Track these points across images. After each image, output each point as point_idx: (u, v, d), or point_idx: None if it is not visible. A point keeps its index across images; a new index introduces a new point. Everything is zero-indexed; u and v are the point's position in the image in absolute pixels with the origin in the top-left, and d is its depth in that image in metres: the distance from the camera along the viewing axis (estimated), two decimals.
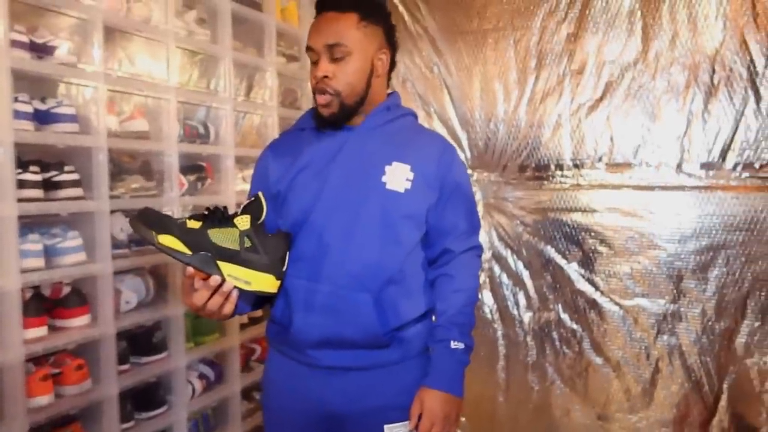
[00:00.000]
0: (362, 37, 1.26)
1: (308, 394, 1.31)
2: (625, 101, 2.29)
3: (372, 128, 1.33)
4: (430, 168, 1.31)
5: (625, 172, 2.30)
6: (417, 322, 1.33)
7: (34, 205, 1.60)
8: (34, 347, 1.61)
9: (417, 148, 1.33)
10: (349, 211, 1.27)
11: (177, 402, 2.09)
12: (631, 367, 2.32)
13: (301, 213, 1.30)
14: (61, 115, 1.71)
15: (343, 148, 1.32)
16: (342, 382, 1.29)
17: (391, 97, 1.39)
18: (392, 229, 1.27)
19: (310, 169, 1.32)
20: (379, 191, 1.27)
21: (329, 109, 1.27)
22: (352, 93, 1.27)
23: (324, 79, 1.25)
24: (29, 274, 1.60)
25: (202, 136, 2.25)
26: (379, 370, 1.30)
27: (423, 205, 1.30)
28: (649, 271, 2.27)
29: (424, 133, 1.42)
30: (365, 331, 1.25)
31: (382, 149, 1.31)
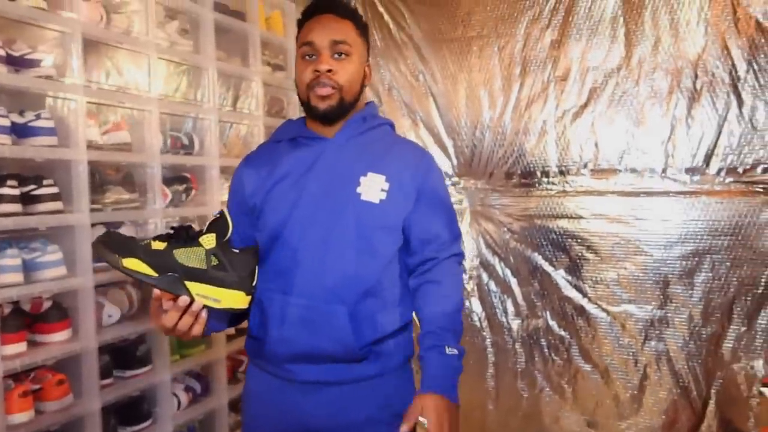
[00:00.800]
0: (359, 45, 1.32)
1: (287, 409, 1.29)
2: (610, 107, 2.30)
3: (347, 139, 1.33)
4: (406, 177, 1.30)
5: (610, 178, 2.30)
6: (395, 335, 1.31)
7: (11, 220, 1.59)
8: (12, 364, 1.59)
9: (393, 157, 1.32)
10: (324, 224, 1.26)
11: (162, 415, 2.07)
12: (619, 373, 2.31)
13: (276, 226, 1.29)
14: (39, 129, 1.70)
15: (318, 160, 1.31)
16: (320, 397, 1.27)
17: (368, 107, 1.40)
18: (368, 240, 1.26)
19: (286, 182, 1.31)
20: (353, 203, 1.26)
21: (328, 102, 1.27)
22: (351, 90, 1.29)
23: (328, 73, 1.26)
24: (7, 290, 1.58)
25: (186, 146, 2.24)
26: (358, 384, 1.28)
27: (399, 215, 1.29)
28: (636, 277, 2.27)
29: (400, 142, 1.41)
30: (341, 345, 1.24)
31: (357, 160, 1.31)
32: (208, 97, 2.28)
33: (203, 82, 2.29)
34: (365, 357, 1.27)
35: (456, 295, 1.32)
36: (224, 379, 2.34)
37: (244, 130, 2.65)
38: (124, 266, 1.04)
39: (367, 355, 1.27)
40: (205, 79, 2.28)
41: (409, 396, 1.34)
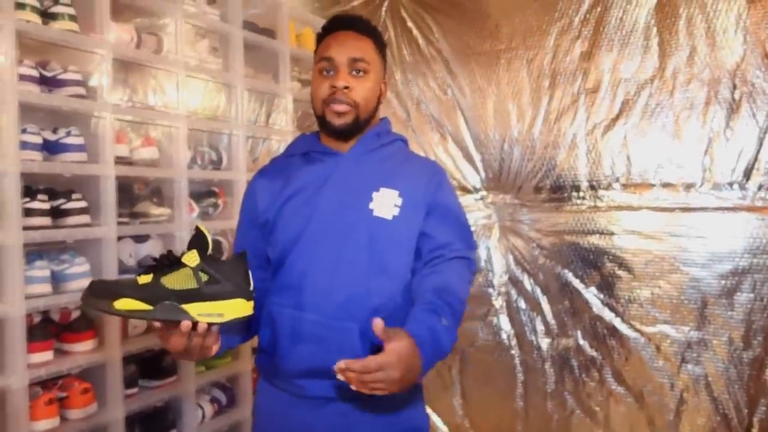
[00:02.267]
0: (376, 60, 1.32)
1: (295, 425, 1.28)
2: (643, 119, 2.22)
3: (361, 154, 1.32)
4: (419, 192, 1.28)
5: (643, 192, 2.22)
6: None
7: (39, 233, 1.65)
8: (38, 372, 1.64)
9: (406, 173, 1.31)
10: (336, 240, 1.25)
11: (187, 426, 2.10)
12: (654, 397, 2.21)
13: (289, 241, 1.28)
14: (69, 145, 1.77)
15: (331, 176, 1.30)
16: (328, 412, 1.26)
17: (382, 123, 1.39)
18: (380, 257, 1.24)
19: (299, 197, 1.31)
20: (366, 219, 1.25)
21: (344, 119, 1.27)
22: (366, 108, 1.29)
23: (345, 90, 1.26)
24: (35, 300, 1.64)
25: (215, 162, 2.29)
26: (367, 401, 1.25)
27: (413, 231, 1.26)
28: (672, 297, 2.17)
29: (413, 158, 1.40)
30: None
31: (370, 176, 1.30)
32: (237, 113, 2.33)
33: (232, 99, 2.34)
34: None
35: (460, 285, 1.24)
36: (250, 391, 2.36)
37: (275, 146, 2.70)
38: (117, 309, 1.03)
39: None
40: (234, 95, 2.33)
41: (418, 412, 1.34)
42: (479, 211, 2.53)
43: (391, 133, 1.39)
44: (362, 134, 1.33)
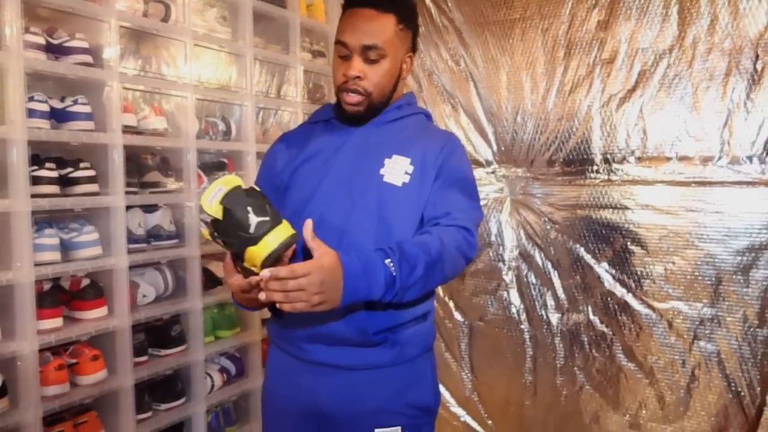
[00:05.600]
0: (397, 41, 1.26)
1: (301, 389, 1.30)
2: (660, 91, 2.15)
3: (380, 124, 1.32)
4: (430, 159, 1.27)
5: (659, 166, 2.16)
6: (413, 323, 1.29)
7: (47, 201, 1.66)
8: (48, 338, 1.66)
9: (421, 142, 1.30)
10: (345, 204, 1.25)
11: (196, 394, 2.13)
12: (665, 373, 2.18)
13: (299, 203, 1.29)
14: (77, 114, 1.77)
15: (347, 142, 1.31)
16: (332, 381, 1.27)
17: (405, 97, 1.38)
18: (387, 222, 1.23)
19: (313, 161, 1.32)
20: (376, 184, 1.25)
21: (357, 108, 1.27)
22: (381, 94, 1.28)
23: (356, 79, 1.24)
24: (44, 267, 1.66)
25: (224, 133, 2.28)
26: (371, 372, 1.26)
27: (421, 198, 1.26)
28: (686, 273, 2.13)
29: (432, 129, 1.38)
30: (355, 328, 1.22)
31: (385, 143, 1.30)
32: (246, 83, 2.31)
33: (241, 69, 2.32)
34: (380, 343, 1.25)
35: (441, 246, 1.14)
36: (259, 362, 2.38)
37: (286, 117, 2.68)
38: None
39: (382, 342, 1.25)
40: (244, 66, 2.30)
41: (425, 388, 1.33)
42: (491, 184, 2.49)
43: (412, 106, 1.39)
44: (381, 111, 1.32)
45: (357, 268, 1.06)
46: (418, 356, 1.31)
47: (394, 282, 1.08)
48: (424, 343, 1.33)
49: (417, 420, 1.30)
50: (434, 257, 1.13)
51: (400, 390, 1.28)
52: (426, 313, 1.33)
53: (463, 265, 1.22)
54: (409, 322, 1.28)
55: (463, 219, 1.22)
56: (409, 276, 1.10)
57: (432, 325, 1.37)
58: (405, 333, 1.28)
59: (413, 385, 1.30)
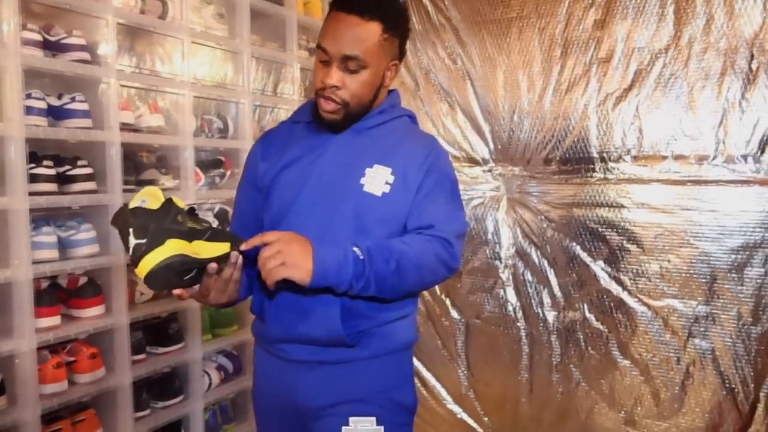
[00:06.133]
0: (380, 51, 1.21)
1: (282, 387, 1.30)
2: (656, 90, 2.16)
3: (361, 130, 1.30)
4: (413, 168, 1.25)
5: (655, 165, 2.18)
6: (392, 322, 1.29)
7: (44, 199, 1.66)
8: (46, 336, 1.66)
9: (403, 150, 1.28)
10: (323, 213, 1.24)
11: (194, 392, 2.13)
12: (660, 371, 2.20)
13: (279, 211, 1.28)
14: (74, 111, 1.76)
15: (328, 148, 1.29)
16: (312, 375, 1.26)
17: (389, 98, 1.34)
18: (365, 232, 1.22)
19: (294, 167, 1.30)
20: (355, 193, 1.23)
21: (333, 116, 1.24)
22: (359, 104, 1.24)
23: (333, 89, 1.21)
24: (41, 265, 1.65)
25: (221, 130, 2.28)
26: (350, 364, 1.26)
27: (401, 209, 1.24)
28: (681, 271, 2.14)
29: (414, 135, 1.35)
30: (331, 333, 1.22)
31: (366, 151, 1.27)
32: (243, 81, 2.30)
33: (238, 67, 2.32)
34: (355, 344, 1.24)
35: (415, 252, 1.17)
36: None
37: (283, 115, 2.68)
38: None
39: (358, 341, 1.25)
40: (240, 63, 2.30)
41: (404, 385, 1.33)
42: (487, 183, 2.50)
43: (396, 108, 1.35)
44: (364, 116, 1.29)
45: (325, 248, 1.13)
46: (397, 351, 1.31)
47: (363, 268, 1.13)
48: (404, 338, 1.32)
49: (394, 415, 1.29)
50: (409, 257, 1.17)
51: (378, 382, 1.28)
52: (406, 315, 1.31)
53: (444, 274, 1.24)
54: (388, 323, 1.28)
55: (445, 231, 1.22)
56: (380, 266, 1.14)
57: (413, 325, 1.36)
58: (384, 328, 1.27)
59: (391, 378, 1.30)
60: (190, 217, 1.11)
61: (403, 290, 1.22)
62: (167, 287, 1.08)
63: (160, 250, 1.03)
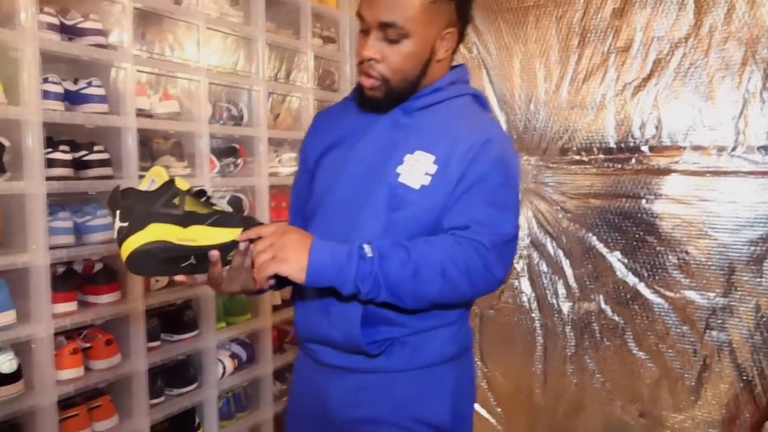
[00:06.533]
0: (425, 18, 1.05)
1: (314, 389, 1.22)
2: (675, 80, 2.14)
3: (410, 111, 1.13)
4: (457, 156, 1.07)
5: (673, 156, 2.16)
6: (427, 331, 1.13)
7: (61, 184, 1.64)
8: (63, 322, 1.65)
9: (452, 135, 1.09)
10: (354, 206, 1.11)
11: (208, 380, 2.12)
12: (676, 363, 2.19)
13: (315, 202, 1.19)
14: (90, 96, 1.75)
15: (370, 131, 1.15)
16: (340, 384, 1.16)
17: (449, 75, 1.15)
18: (396, 229, 1.07)
19: (335, 151, 1.19)
20: (389, 184, 1.08)
21: (372, 93, 1.11)
22: (403, 80, 1.09)
23: (371, 62, 1.07)
24: (58, 251, 1.64)
25: (236, 117, 2.26)
26: (377, 376, 1.13)
27: (438, 205, 1.07)
28: (699, 262, 2.13)
29: (471, 118, 1.14)
30: (348, 339, 1.10)
31: (410, 135, 1.11)
32: (258, 68, 2.29)
33: (253, 54, 2.30)
34: (379, 353, 1.11)
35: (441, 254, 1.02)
36: (270, 348, 2.37)
37: (296, 103, 2.66)
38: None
39: (384, 350, 1.12)
40: (255, 50, 2.28)
41: (439, 402, 1.15)
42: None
43: (456, 86, 1.15)
44: (409, 97, 1.13)
45: (326, 244, 1.02)
46: (434, 364, 1.14)
47: (370, 267, 0.99)
48: (443, 350, 1.15)
49: None
50: (432, 261, 1.01)
51: (407, 400, 1.13)
52: (449, 323, 1.15)
53: (479, 286, 1.06)
54: (421, 331, 1.12)
55: (483, 234, 1.04)
56: (393, 269, 1.00)
57: (460, 335, 1.18)
58: (418, 337, 1.12)
59: (424, 396, 1.14)
60: (196, 200, 1.04)
61: (427, 300, 1.05)
62: (155, 274, 1.05)
63: (140, 234, 0.99)
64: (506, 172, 1.09)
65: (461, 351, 1.18)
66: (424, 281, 1.02)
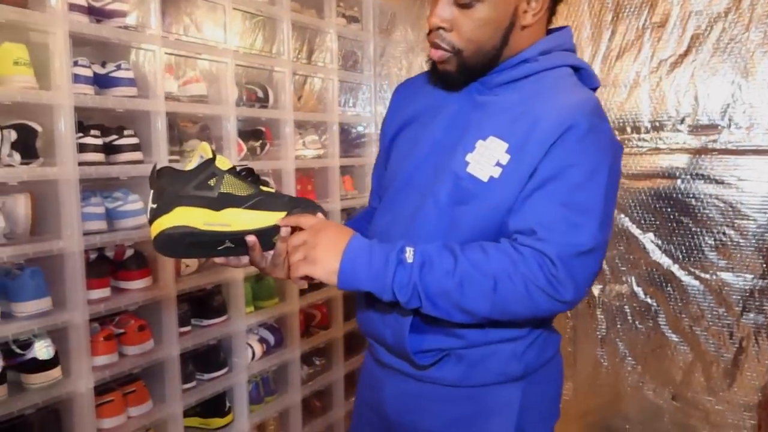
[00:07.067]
0: None
1: (372, 385, 1.16)
2: (714, 56, 2.08)
3: (491, 87, 0.99)
4: (534, 143, 0.91)
5: (710, 134, 2.10)
6: (490, 344, 1.00)
7: (94, 169, 1.62)
8: (97, 308, 1.64)
9: (532, 116, 0.92)
10: (417, 195, 1.00)
11: (238, 364, 2.12)
12: (711, 345, 2.15)
13: (387, 183, 1.10)
14: (119, 79, 1.72)
15: (443, 109, 1.02)
16: (394, 385, 1.09)
17: (542, 43, 0.98)
18: (459, 228, 0.95)
19: (410, 129, 1.09)
20: (456, 174, 0.95)
21: (443, 66, 0.98)
22: (478, 51, 0.95)
23: (440, 30, 0.94)
24: (92, 237, 1.63)
25: (261, 99, 2.23)
26: (428, 387, 1.03)
27: (507, 203, 0.93)
28: (736, 244, 2.08)
29: (560, 95, 0.95)
30: (396, 341, 1.02)
31: (486, 117, 0.97)
32: (283, 49, 2.24)
33: (278, 35, 2.25)
34: (429, 364, 1.01)
35: (492, 264, 0.88)
36: (297, 333, 2.36)
37: (318, 84, 2.62)
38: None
39: (437, 362, 1.01)
40: (280, 31, 2.24)
41: (500, 426, 1.02)
42: None
43: (551, 57, 0.98)
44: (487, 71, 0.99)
45: (365, 246, 0.91)
46: (494, 384, 1.01)
47: (408, 275, 0.88)
48: (506, 369, 1.01)
49: None
50: (484, 272, 0.88)
51: (462, 419, 1.03)
52: (516, 338, 1.01)
53: (544, 305, 0.89)
54: (483, 344, 1.00)
55: (551, 242, 0.87)
56: (436, 278, 0.88)
57: (529, 350, 1.02)
58: (477, 351, 1.00)
59: (481, 418, 1.02)
60: (240, 180, 1.00)
61: (477, 316, 0.91)
62: (187, 256, 1.02)
63: (165, 218, 0.96)
64: (594, 166, 0.90)
65: (533, 368, 1.03)
66: (471, 296, 0.88)
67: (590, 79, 1.05)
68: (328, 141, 2.51)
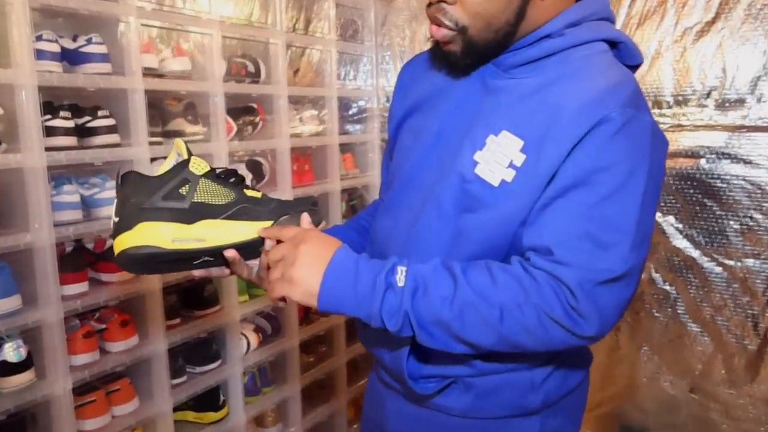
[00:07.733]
0: None
1: (376, 401, 1.06)
2: (744, 24, 1.89)
3: (506, 69, 0.83)
4: (555, 140, 0.75)
5: (739, 110, 1.93)
6: (501, 373, 0.88)
7: (64, 154, 1.48)
8: (73, 304, 1.53)
9: (553, 107, 0.76)
10: (419, 197, 0.87)
11: (232, 356, 2.01)
12: (733, 336, 2.02)
13: (391, 178, 0.98)
14: (90, 55, 1.57)
15: (450, 96, 0.88)
16: (396, 407, 0.98)
17: (569, 12, 0.81)
18: (465, 240, 0.81)
19: (414, 117, 0.95)
20: (462, 175, 0.81)
21: (448, 47, 0.83)
22: (488, 28, 0.79)
23: (440, 4, 0.79)
24: (64, 228, 1.50)
25: (252, 74, 2.07)
26: (431, 414, 0.92)
27: (520, 213, 0.79)
28: (764, 228, 1.93)
29: (588, 80, 0.78)
30: (394, 365, 0.91)
31: (501, 106, 0.81)
32: (275, 19, 2.08)
33: (270, 3, 2.09)
34: (430, 393, 0.89)
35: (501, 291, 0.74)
36: (295, 320, 2.25)
37: (316, 56, 2.46)
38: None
39: (441, 390, 0.89)
40: None
41: None
42: None
43: (581, 29, 0.81)
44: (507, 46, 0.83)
45: (349, 265, 0.77)
46: (503, 417, 0.90)
47: (399, 302, 0.75)
48: (521, 401, 0.89)
49: None
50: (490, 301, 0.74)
51: None
52: (532, 366, 0.88)
53: (562, 338, 0.75)
54: (494, 371, 0.87)
55: (569, 266, 0.73)
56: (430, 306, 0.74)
57: (550, 379, 0.90)
58: (487, 380, 0.87)
59: None
60: (219, 185, 0.87)
61: (479, 348, 0.78)
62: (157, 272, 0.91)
63: (127, 235, 0.84)
64: (629, 170, 0.74)
65: (554, 400, 0.90)
66: (473, 327, 0.75)
67: (631, 54, 0.86)
68: (326, 117, 2.36)
